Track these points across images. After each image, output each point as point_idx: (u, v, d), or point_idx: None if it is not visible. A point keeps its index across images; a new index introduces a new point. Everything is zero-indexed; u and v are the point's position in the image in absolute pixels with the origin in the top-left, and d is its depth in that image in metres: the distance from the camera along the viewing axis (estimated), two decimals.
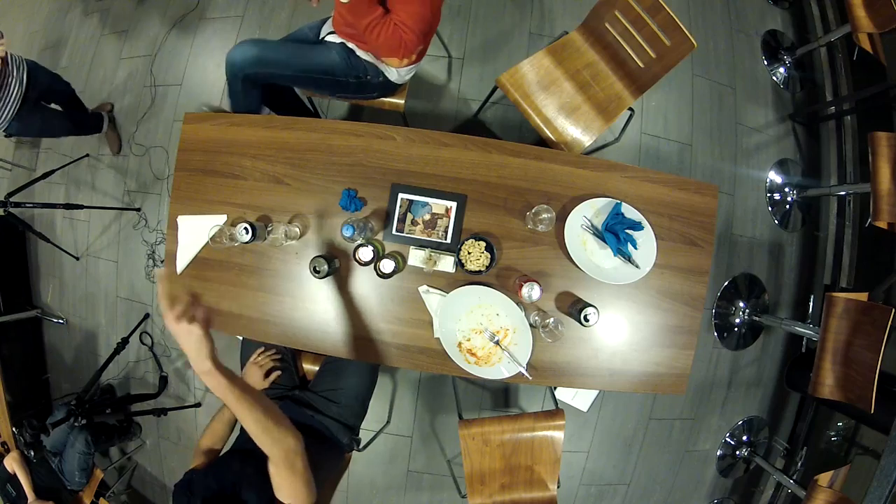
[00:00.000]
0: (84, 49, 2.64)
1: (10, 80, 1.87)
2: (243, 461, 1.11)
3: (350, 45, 1.56)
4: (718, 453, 2.40)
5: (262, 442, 0.89)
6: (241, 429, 1.36)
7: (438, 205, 1.35)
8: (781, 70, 2.48)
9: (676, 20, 1.49)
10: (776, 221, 2.41)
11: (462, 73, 2.28)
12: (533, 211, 1.26)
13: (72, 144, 2.56)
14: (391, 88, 1.71)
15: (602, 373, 1.36)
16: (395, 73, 1.60)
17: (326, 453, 1.37)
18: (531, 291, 1.22)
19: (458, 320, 1.31)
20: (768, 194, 2.40)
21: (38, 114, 2.08)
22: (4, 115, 1.91)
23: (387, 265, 1.24)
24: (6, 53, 1.81)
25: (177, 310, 0.82)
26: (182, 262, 1.41)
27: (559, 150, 1.71)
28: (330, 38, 1.60)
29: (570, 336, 1.34)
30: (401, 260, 1.33)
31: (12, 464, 1.91)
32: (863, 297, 1.82)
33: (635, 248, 1.32)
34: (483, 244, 1.28)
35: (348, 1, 1.35)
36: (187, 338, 0.86)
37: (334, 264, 1.27)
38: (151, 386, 2.45)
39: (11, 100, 1.90)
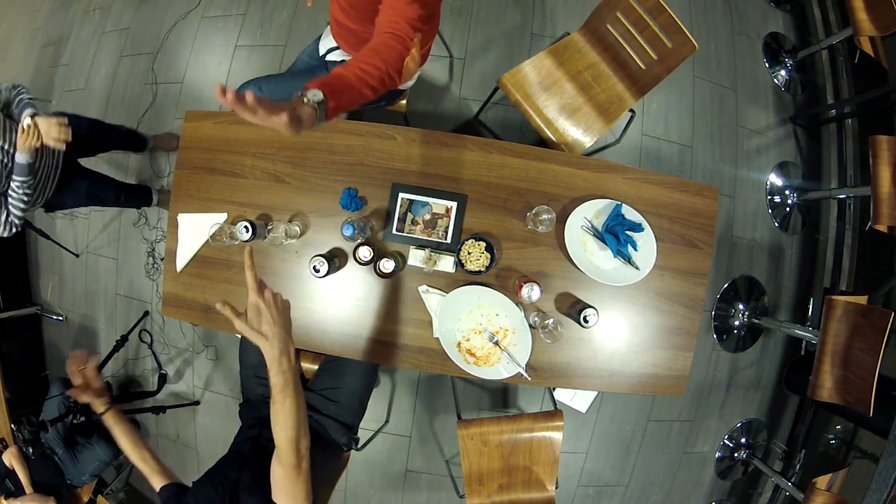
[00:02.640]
0: (85, 47, 2.63)
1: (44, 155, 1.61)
2: (240, 469, 1.11)
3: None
4: (717, 455, 2.40)
5: (286, 438, 0.87)
6: (239, 431, 1.37)
7: (439, 205, 1.35)
8: (783, 72, 2.48)
9: (678, 22, 1.49)
10: (776, 224, 2.41)
11: (463, 74, 2.28)
12: (533, 211, 1.26)
13: None
14: (397, 94, 1.70)
15: (601, 374, 1.36)
16: None
17: (325, 452, 1.37)
18: (531, 292, 1.22)
19: (457, 320, 1.31)
20: (769, 197, 2.40)
21: (79, 183, 1.82)
22: (42, 196, 1.66)
23: (387, 265, 1.24)
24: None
25: (266, 288, 0.82)
26: (182, 260, 1.41)
27: (560, 150, 1.72)
28: (331, 57, 1.55)
29: (569, 337, 1.34)
30: (401, 260, 1.33)
31: (11, 459, 1.91)
32: (862, 300, 1.82)
33: (635, 250, 1.32)
34: (483, 244, 1.28)
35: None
36: (285, 314, 0.85)
37: (334, 264, 1.27)
38: (150, 384, 2.45)
39: (49, 179, 1.63)
